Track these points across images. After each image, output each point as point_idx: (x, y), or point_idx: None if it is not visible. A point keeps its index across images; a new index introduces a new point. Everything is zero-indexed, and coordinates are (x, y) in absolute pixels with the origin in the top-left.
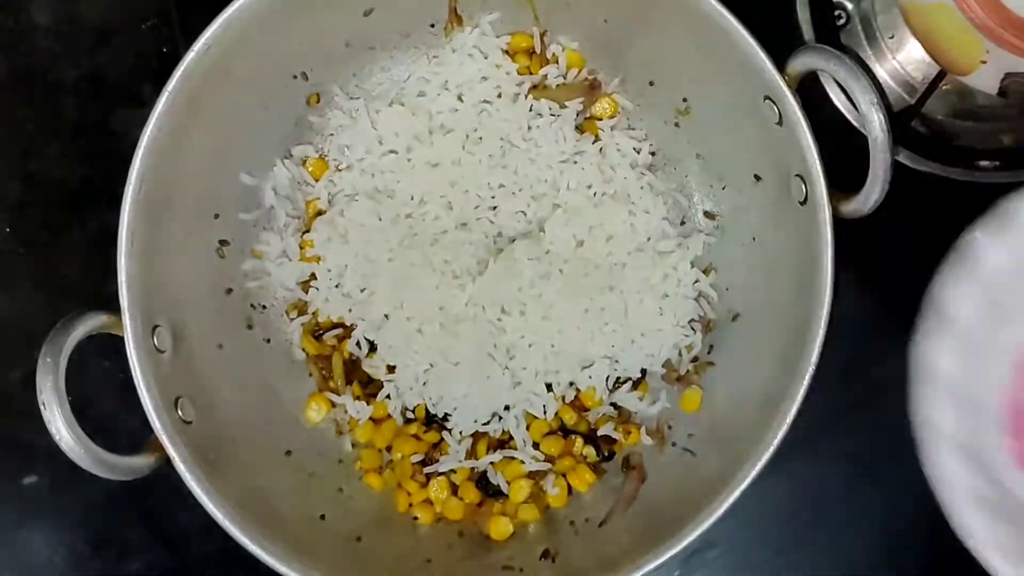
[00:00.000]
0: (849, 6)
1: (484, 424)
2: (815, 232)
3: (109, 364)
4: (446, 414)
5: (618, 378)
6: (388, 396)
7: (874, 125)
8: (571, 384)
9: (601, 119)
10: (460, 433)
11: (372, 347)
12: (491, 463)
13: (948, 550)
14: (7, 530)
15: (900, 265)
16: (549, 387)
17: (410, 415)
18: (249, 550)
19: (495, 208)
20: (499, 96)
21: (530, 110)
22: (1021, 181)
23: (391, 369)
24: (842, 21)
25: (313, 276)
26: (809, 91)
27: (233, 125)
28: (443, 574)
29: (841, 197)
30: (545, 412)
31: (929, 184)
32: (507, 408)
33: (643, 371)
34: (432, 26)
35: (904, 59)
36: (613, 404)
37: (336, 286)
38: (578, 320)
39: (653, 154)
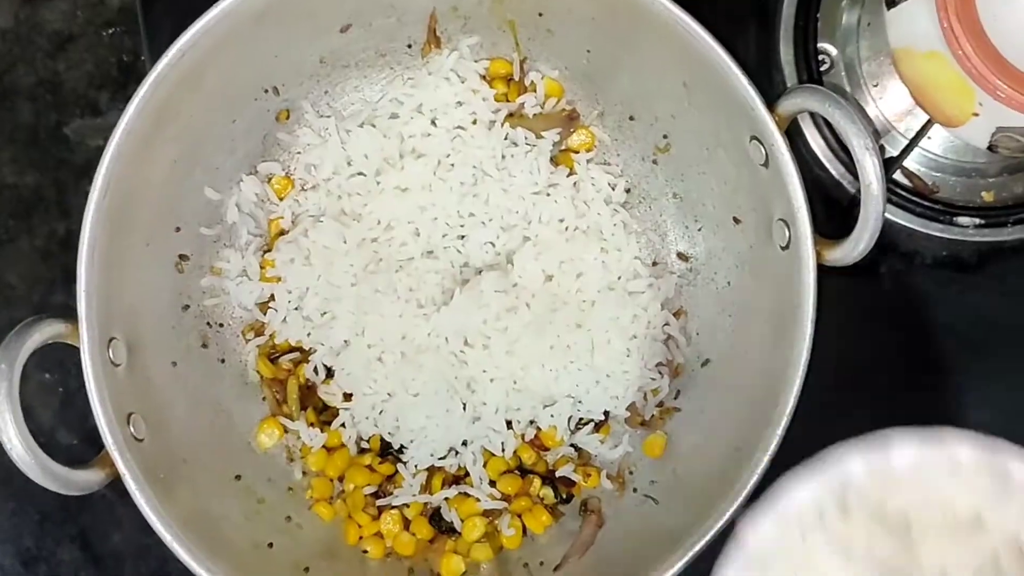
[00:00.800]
0: (833, 52)
1: (440, 458)
2: (797, 279)
3: (50, 377)
4: (402, 446)
5: (580, 419)
6: (343, 424)
7: (868, 171)
8: (531, 422)
9: (577, 152)
10: (415, 466)
11: (329, 373)
12: (445, 499)
13: None
14: None
15: (872, 316)
16: (509, 424)
17: (365, 445)
18: (195, 574)
19: (463, 237)
20: (474, 122)
21: (505, 139)
22: (999, 242)
23: (348, 397)
24: (826, 66)
25: (272, 297)
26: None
27: (200, 136)
28: None
29: (826, 244)
30: (503, 450)
31: (904, 236)
32: (465, 443)
33: (606, 413)
34: (409, 47)
35: (887, 108)
36: (574, 445)
37: (296, 308)
38: (543, 357)
39: (628, 191)
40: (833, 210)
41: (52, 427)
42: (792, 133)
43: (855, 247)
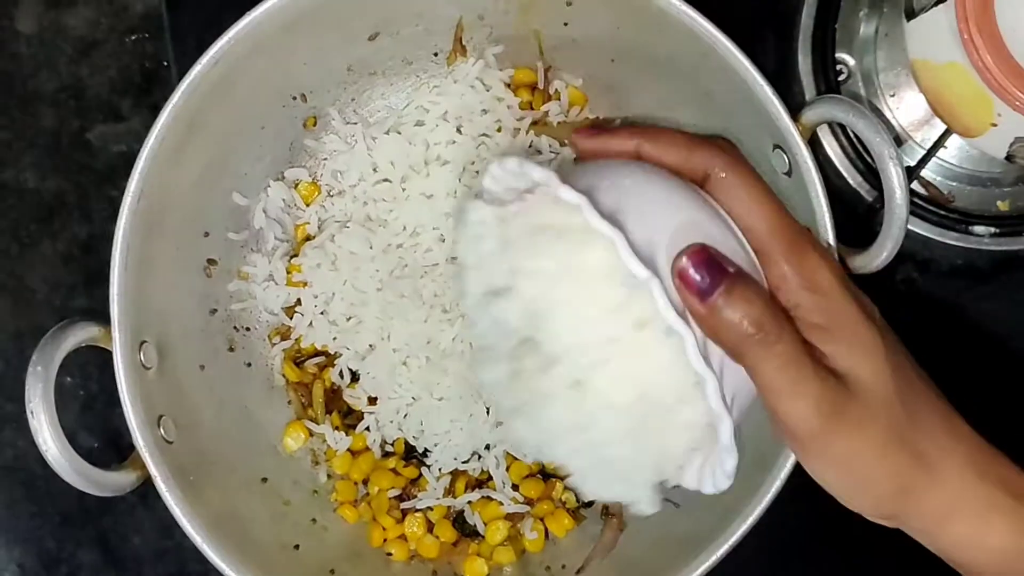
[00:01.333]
0: (851, 62)
1: (464, 462)
2: None
3: (71, 381)
4: (426, 450)
5: None
6: (368, 428)
7: (892, 180)
8: None
9: None
10: (439, 470)
11: (354, 377)
12: (469, 502)
13: None
14: None
15: (887, 323)
16: None
17: (389, 449)
18: (224, 574)
19: None
20: (499, 130)
21: (530, 146)
22: (1014, 251)
23: (372, 401)
24: (843, 76)
25: (298, 302)
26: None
27: (230, 143)
28: None
29: (849, 252)
30: (526, 454)
31: (920, 245)
32: (488, 447)
33: None
34: (436, 55)
35: (904, 118)
36: None
37: (321, 313)
38: None
39: None
40: (850, 218)
41: (73, 430)
42: (811, 142)
43: (878, 255)
